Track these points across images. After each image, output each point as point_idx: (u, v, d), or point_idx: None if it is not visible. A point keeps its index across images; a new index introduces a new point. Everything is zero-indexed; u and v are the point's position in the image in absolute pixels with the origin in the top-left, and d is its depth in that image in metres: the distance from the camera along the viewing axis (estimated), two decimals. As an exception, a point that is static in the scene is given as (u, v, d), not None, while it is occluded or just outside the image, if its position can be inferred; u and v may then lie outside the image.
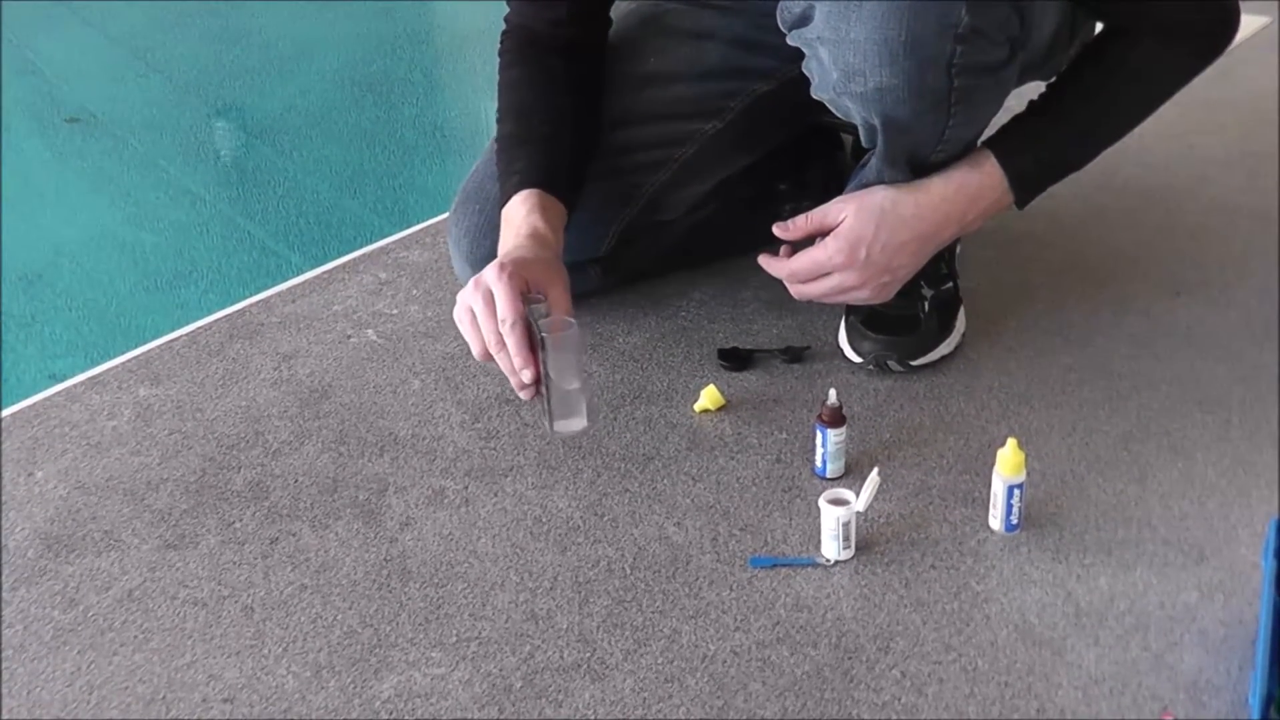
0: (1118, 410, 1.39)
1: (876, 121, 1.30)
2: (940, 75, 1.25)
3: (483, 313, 1.25)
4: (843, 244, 1.34)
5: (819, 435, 1.29)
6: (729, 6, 1.52)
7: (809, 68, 1.32)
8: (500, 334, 1.24)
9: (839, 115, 1.34)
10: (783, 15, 1.33)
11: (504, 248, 1.33)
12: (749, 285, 1.64)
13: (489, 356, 1.27)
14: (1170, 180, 1.84)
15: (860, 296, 1.37)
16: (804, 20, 1.30)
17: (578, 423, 1.26)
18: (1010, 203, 1.37)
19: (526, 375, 1.24)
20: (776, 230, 1.39)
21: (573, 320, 1.25)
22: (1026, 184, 1.36)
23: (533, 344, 1.23)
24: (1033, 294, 1.60)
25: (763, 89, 1.54)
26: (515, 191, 1.38)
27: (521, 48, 1.49)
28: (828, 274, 1.36)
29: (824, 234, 1.36)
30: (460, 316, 1.28)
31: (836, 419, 1.28)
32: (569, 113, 1.47)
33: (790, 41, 1.33)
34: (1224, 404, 1.39)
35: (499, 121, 1.47)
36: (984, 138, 1.38)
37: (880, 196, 1.34)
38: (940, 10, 1.21)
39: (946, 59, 1.23)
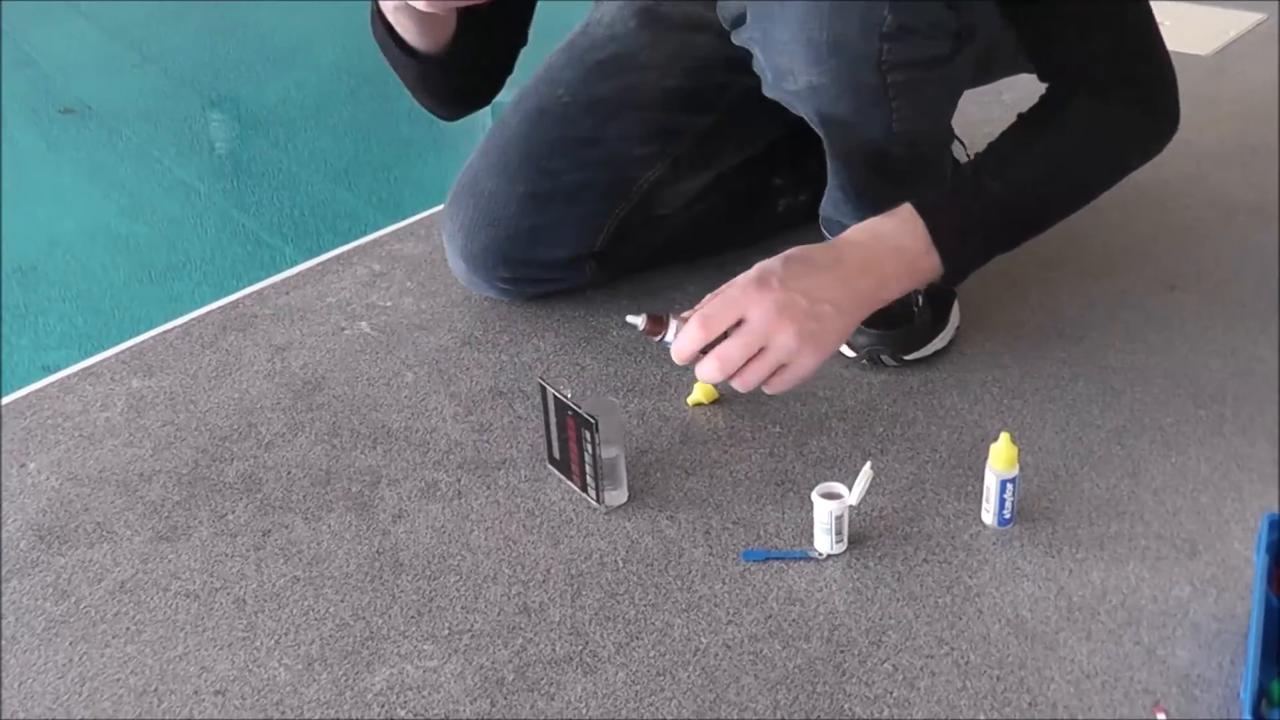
0: (1111, 405, 1.39)
1: (815, 119, 1.30)
2: (870, 72, 1.23)
3: None
4: (749, 276, 1.17)
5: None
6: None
7: (757, 66, 1.31)
8: None
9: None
10: (723, 14, 1.33)
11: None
12: (743, 279, 1.64)
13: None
14: (1165, 174, 1.83)
15: (787, 346, 1.15)
16: (740, 21, 1.30)
17: (624, 493, 1.28)
18: (936, 264, 1.22)
19: None
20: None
21: (615, 401, 1.27)
22: (950, 240, 1.21)
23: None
24: (1027, 288, 1.60)
25: (755, 82, 1.54)
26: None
27: None
28: (741, 327, 1.15)
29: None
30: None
31: (655, 327, 1.20)
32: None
33: (734, 41, 1.32)
34: (1218, 399, 1.39)
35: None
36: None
37: (791, 249, 1.20)
38: (863, 9, 1.20)
39: (875, 57, 1.22)
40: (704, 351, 1.18)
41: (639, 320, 1.21)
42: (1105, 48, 1.25)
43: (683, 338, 1.18)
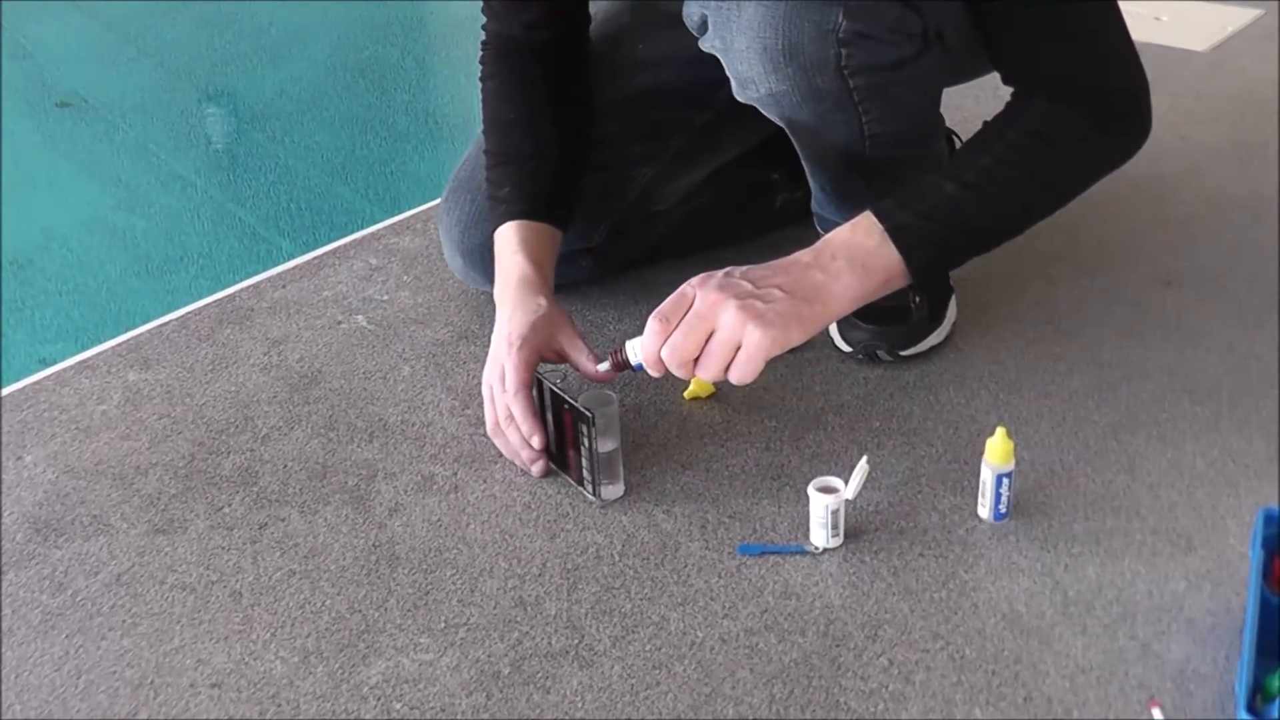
0: (1107, 400, 1.39)
1: (783, 124, 1.30)
2: (831, 78, 1.23)
3: (497, 388, 1.29)
4: (700, 275, 1.19)
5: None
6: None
7: (727, 72, 1.31)
8: (510, 407, 1.27)
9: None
10: (688, 20, 1.33)
11: (501, 301, 1.34)
12: (740, 273, 1.64)
13: (499, 431, 1.30)
14: (1162, 171, 1.84)
15: (730, 323, 1.13)
16: (704, 28, 1.29)
17: (620, 487, 1.28)
18: (895, 260, 1.19)
19: (535, 441, 1.26)
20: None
21: (612, 395, 1.28)
22: (903, 237, 1.19)
23: (566, 419, 1.26)
24: (1024, 284, 1.60)
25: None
26: (502, 221, 1.39)
27: (499, 58, 1.47)
28: (687, 313, 1.16)
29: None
30: (485, 393, 1.32)
31: (618, 358, 1.26)
32: (550, 125, 1.45)
33: (701, 49, 1.32)
34: (1213, 394, 1.39)
35: (484, 134, 1.46)
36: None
37: None
38: (817, 16, 1.19)
39: (834, 63, 1.22)
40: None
41: (605, 365, 1.27)
42: (1068, 56, 1.23)
43: (646, 339, 1.18)
